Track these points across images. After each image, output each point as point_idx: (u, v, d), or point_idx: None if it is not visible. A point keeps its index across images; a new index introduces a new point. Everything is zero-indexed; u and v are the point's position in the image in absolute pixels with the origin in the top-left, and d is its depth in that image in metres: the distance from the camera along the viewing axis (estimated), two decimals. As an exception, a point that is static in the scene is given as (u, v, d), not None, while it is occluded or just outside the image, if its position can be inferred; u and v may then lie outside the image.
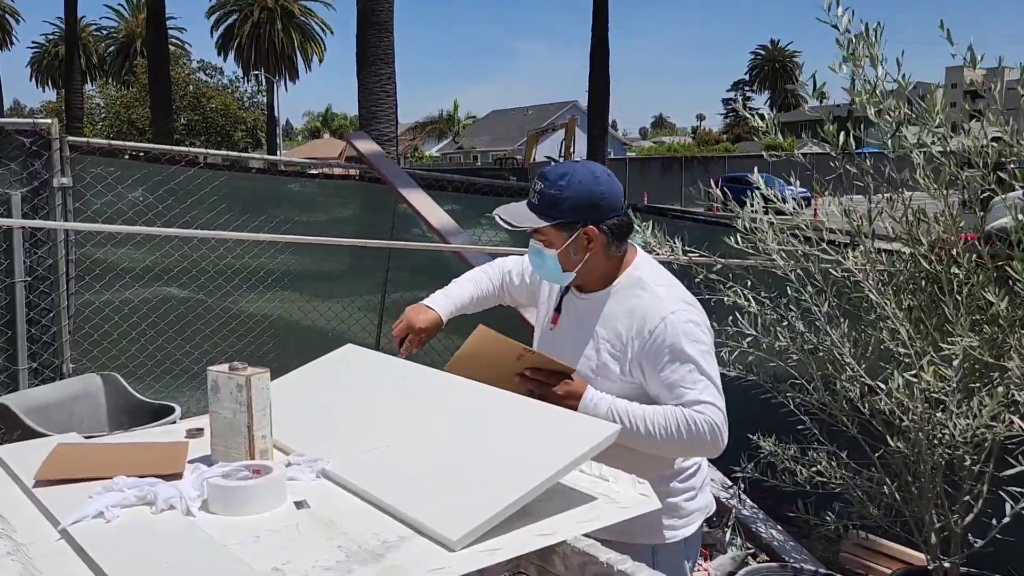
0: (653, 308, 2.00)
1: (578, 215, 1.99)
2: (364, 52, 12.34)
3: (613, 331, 2.04)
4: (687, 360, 1.95)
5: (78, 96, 33.51)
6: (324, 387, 2.03)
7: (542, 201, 2.00)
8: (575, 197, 1.98)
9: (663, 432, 1.92)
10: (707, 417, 1.93)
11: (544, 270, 2.11)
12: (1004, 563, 3.05)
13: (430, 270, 5.53)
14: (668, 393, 1.96)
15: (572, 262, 2.05)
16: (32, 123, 3.88)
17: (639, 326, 1.99)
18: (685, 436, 1.92)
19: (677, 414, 1.93)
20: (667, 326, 1.96)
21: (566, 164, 2.06)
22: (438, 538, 1.29)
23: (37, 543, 1.31)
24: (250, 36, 47.97)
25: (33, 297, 3.88)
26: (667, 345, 1.95)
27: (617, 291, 2.08)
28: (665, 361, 1.95)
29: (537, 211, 2.01)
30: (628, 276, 2.09)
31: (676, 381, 1.95)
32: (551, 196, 1.99)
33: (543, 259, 2.07)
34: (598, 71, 21.47)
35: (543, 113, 52.44)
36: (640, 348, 1.98)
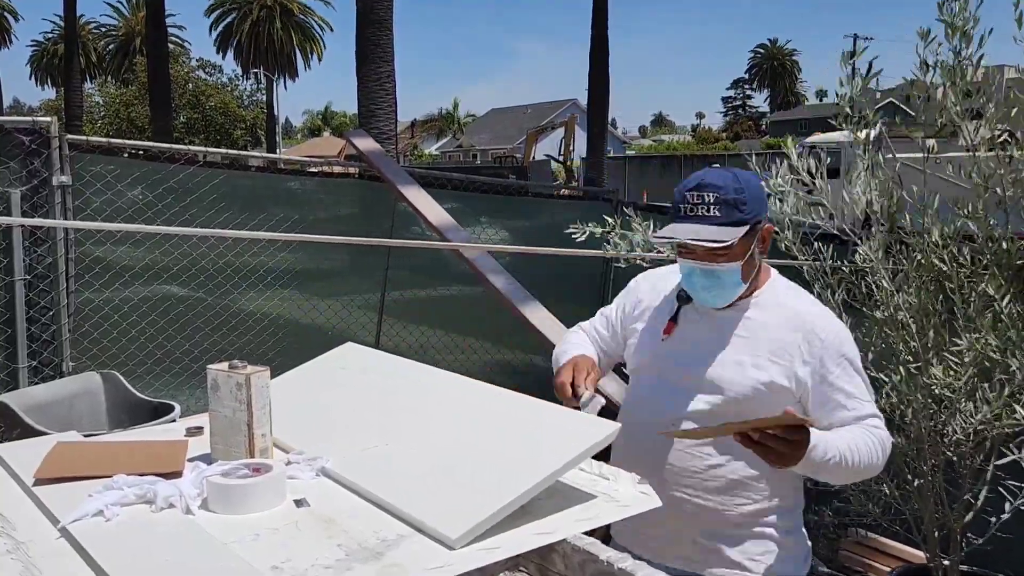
0: (821, 317, 1.91)
1: (759, 210, 1.86)
2: (363, 50, 12.33)
3: (776, 340, 1.88)
4: (859, 371, 1.89)
5: (77, 94, 33.49)
6: (324, 385, 2.03)
7: (725, 210, 1.81)
8: (753, 193, 1.85)
9: (867, 459, 1.81)
10: (886, 433, 1.87)
11: (716, 290, 1.89)
12: (1003, 561, 3.05)
13: (430, 269, 5.54)
14: (842, 404, 1.85)
15: (751, 268, 1.89)
16: (31, 121, 3.87)
17: (808, 334, 1.86)
18: (879, 458, 1.84)
19: (869, 437, 1.83)
20: (839, 335, 1.89)
21: (715, 169, 1.89)
22: (438, 536, 1.29)
23: (37, 542, 1.31)
24: (249, 34, 47.92)
25: (33, 295, 3.88)
26: (842, 354, 1.86)
27: (764, 300, 1.93)
28: (840, 371, 1.85)
29: (723, 222, 1.81)
30: (775, 284, 1.97)
31: (852, 392, 1.86)
32: (733, 200, 1.81)
33: (717, 279, 1.86)
34: (598, 69, 21.45)
35: (543, 111, 52.41)
36: (811, 355, 1.85)
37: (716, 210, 1.81)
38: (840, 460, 1.76)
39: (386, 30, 12.32)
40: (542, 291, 4.51)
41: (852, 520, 3.30)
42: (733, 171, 1.88)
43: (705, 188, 1.83)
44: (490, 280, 4.27)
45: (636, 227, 3.35)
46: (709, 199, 1.82)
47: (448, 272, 5.44)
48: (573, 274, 5.57)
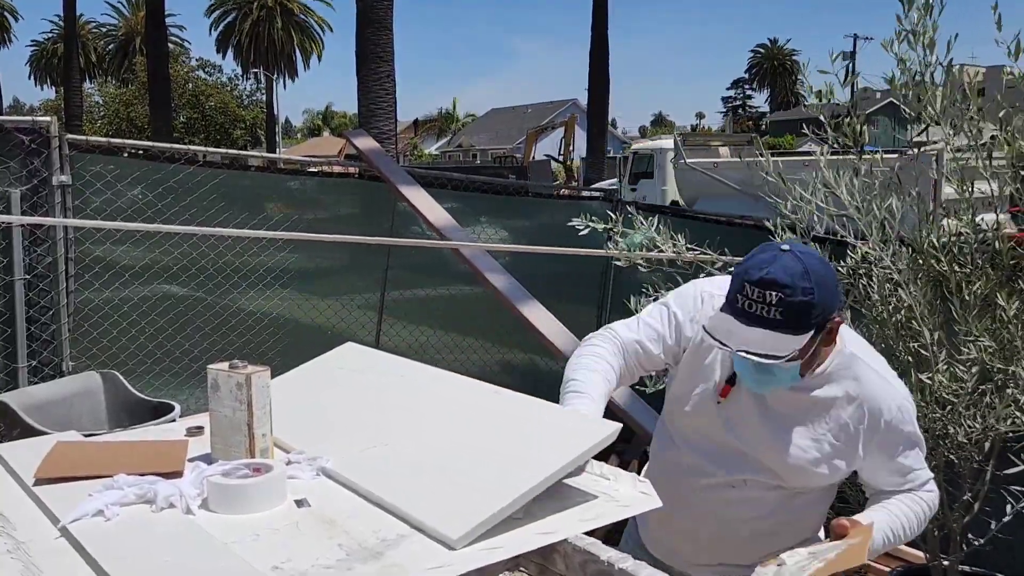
0: (885, 394, 1.81)
1: (829, 309, 1.68)
2: (363, 50, 12.33)
3: (836, 420, 1.80)
4: (917, 444, 1.88)
5: (77, 94, 33.51)
6: (324, 385, 2.03)
7: (789, 315, 1.62)
8: (824, 291, 1.66)
9: (915, 528, 1.89)
10: (936, 494, 1.91)
11: (770, 384, 1.76)
12: (1004, 562, 3.05)
13: (429, 268, 5.54)
14: (902, 477, 1.87)
15: (811, 363, 1.76)
16: (31, 121, 3.87)
17: (873, 415, 1.80)
18: (926, 522, 1.91)
19: (920, 505, 1.88)
20: (903, 413, 1.82)
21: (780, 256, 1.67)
22: (438, 536, 1.28)
23: (37, 541, 1.31)
24: (249, 34, 47.90)
25: (32, 295, 3.88)
26: (904, 433, 1.83)
27: (831, 374, 1.80)
28: (901, 449, 1.84)
29: (786, 329, 1.63)
30: (840, 355, 1.81)
31: (910, 466, 1.87)
32: (802, 304, 1.62)
33: (772, 375, 1.72)
34: (598, 69, 21.47)
35: (543, 111, 52.40)
36: (875, 437, 1.81)
37: (778, 313, 1.63)
38: (890, 540, 1.84)
39: (386, 30, 12.32)
40: (542, 291, 4.52)
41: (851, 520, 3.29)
42: (803, 260, 1.66)
43: (769, 286, 1.62)
44: (490, 280, 4.27)
45: (638, 225, 3.35)
46: (772, 299, 1.62)
47: (448, 272, 5.44)
48: (573, 273, 5.58)
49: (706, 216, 5.82)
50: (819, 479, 1.84)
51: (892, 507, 1.86)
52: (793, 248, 1.68)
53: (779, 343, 1.62)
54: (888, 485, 1.88)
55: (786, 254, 1.66)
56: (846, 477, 1.92)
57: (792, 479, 1.84)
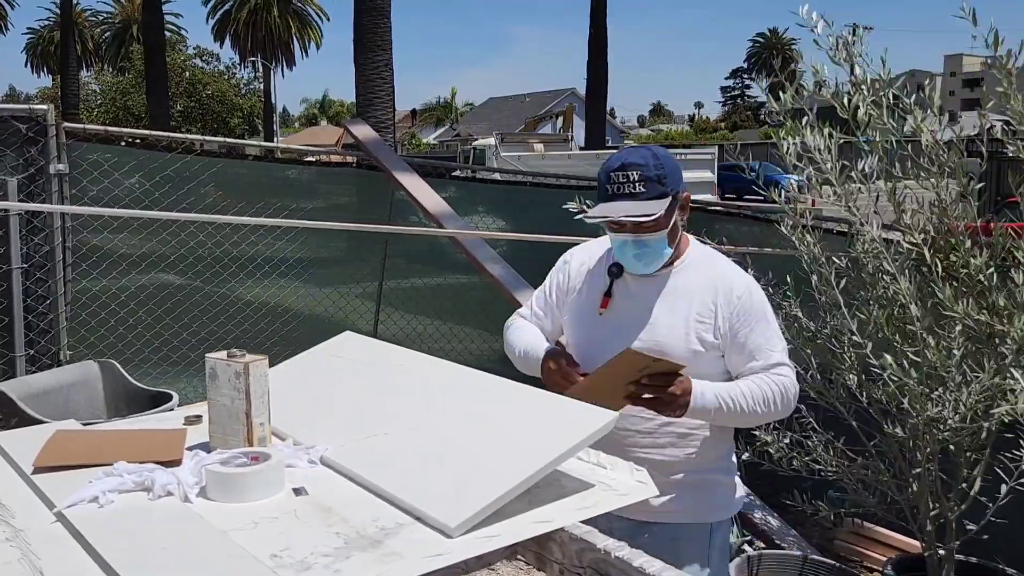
0: (737, 276, 2.12)
1: (678, 182, 2.06)
2: (361, 38, 12.30)
3: (700, 301, 2.08)
4: (770, 323, 2.10)
5: (74, 82, 33.37)
6: (322, 374, 2.03)
7: (649, 185, 2.00)
8: (671, 167, 2.05)
9: (763, 405, 2.03)
10: (790, 379, 2.08)
11: (647, 258, 2.08)
12: (999, 550, 3.06)
13: (427, 257, 5.53)
14: (752, 355, 2.06)
15: (675, 234, 2.10)
16: (28, 109, 3.85)
17: (726, 293, 2.07)
18: (779, 406, 2.06)
19: (770, 384, 2.04)
20: (751, 291, 2.10)
21: (631, 149, 2.08)
22: (436, 525, 1.29)
23: (35, 529, 1.31)
24: (247, 22, 47.68)
25: (30, 284, 3.87)
26: (754, 308, 2.07)
27: (687, 265, 2.14)
28: (752, 323, 2.06)
29: (649, 197, 2.00)
30: (695, 250, 2.18)
31: (762, 344, 2.07)
32: (655, 175, 2.01)
33: (646, 247, 2.06)
34: (596, 59, 21.42)
35: (541, 100, 52.24)
36: (729, 312, 2.06)
37: (641, 187, 2.01)
38: (730, 405, 2.01)
39: (384, 18, 12.28)
40: (538, 279, 4.50)
41: (847, 510, 3.32)
42: (650, 148, 2.10)
43: (629, 168, 2.01)
44: (487, 268, 4.27)
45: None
46: (634, 177, 2.00)
47: (446, 260, 5.43)
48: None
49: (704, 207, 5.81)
50: (696, 358, 2.05)
51: (738, 381, 2.07)
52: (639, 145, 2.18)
53: (647, 208, 1.98)
54: (742, 365, 2.08)
55: (632, 148, 2.10)
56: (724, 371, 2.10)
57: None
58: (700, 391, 1.99)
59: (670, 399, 1.96)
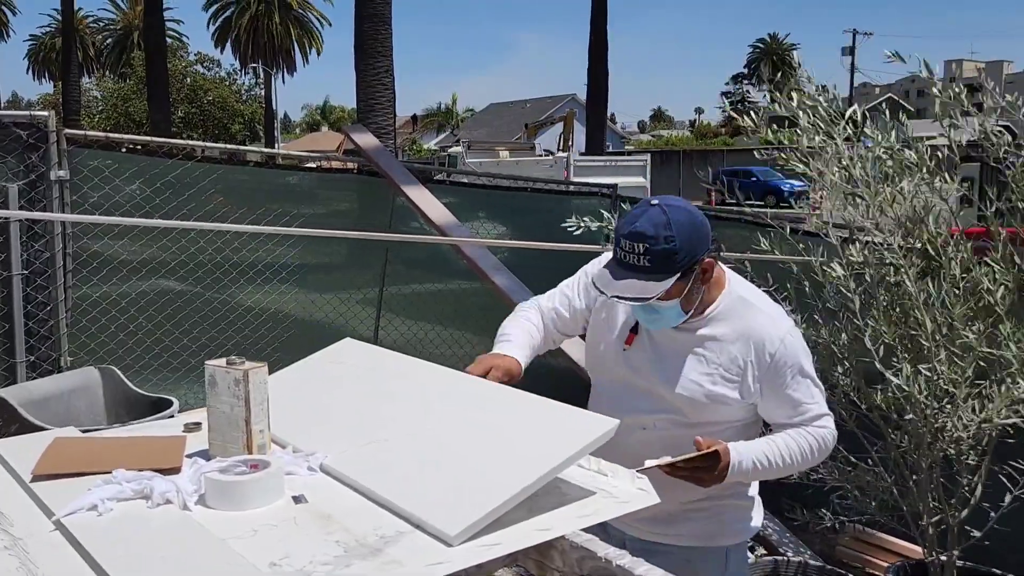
0: (769, 329, 1.99)
1: (694, 258, 1.89)
2: (362, 44, 12.32)
3: (726, 355, 1.98)
4: (807, 376, 2.01)
5: (75, 89, 33.42)
6: (322, 381, 2.03)
7: (656, 260, 1.85)
8: (687, 243, 1.87)
9: (800, 461, 1.99)
10: (829, 430, 2.03)
11: (659, 322, 1.99)
12: (1001, 557, 3.05)
13: (428, 264, 5.53)
14: (792, 410, 2.00)
15: (692, 300, 1.96)
16: (29, 115, 3.85)
17: (758, 349, 1.97)
18: (817, 456, 2.02)
19: (807, 439, 1.99)
20: (787, 347, 1.98)
21: (648, 209, 1.90)
22: (436, 533, 1.28)
23: (34, 537, 1.31)
24: (248, 29, 47.75)
25: (30, 290, 3.87)
26: (789, 365, 1.97)
27: (719, 314, 2.01)
28: (788, 380, 1.98)
29: (654, 272, 1.86)
30: (729, 296, 2.03)
31: (800, 399, 1.99)
32: (665, 251, 1.85)
33: (657, 313, 1.96)
34: (596, 64, 21.44)
35: (541, 106, 52.26)
36: (762, 371, 1.97)
37: (646, 260, 1.85)
38: (768, 466, 1.96)
39: (384, 24, 12.31)
40: (540, 286, 4.50)
41: (850, 516, 3.30)
42: (667, 212, 1.88)
43: (637, 238, 1.86)
44: (489, 275, 4.27)
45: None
46: (639, 249, 1.85)
47: (447, 267, 5.43)
48: (571, 269, 5.54)
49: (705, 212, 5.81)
50: (717, 411, 2.00)
51: (775, 438, 2.00)
52: (661, 202, 1.91)
53: (647, 287, 1.85)
54: (781, 418, 2.02)
55: (654, 208, 1.90)
56: (751, 414, 2.05)
57: (692, 412, 2.00)
58: (738, 461, 1.91)
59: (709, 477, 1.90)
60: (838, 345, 2.92)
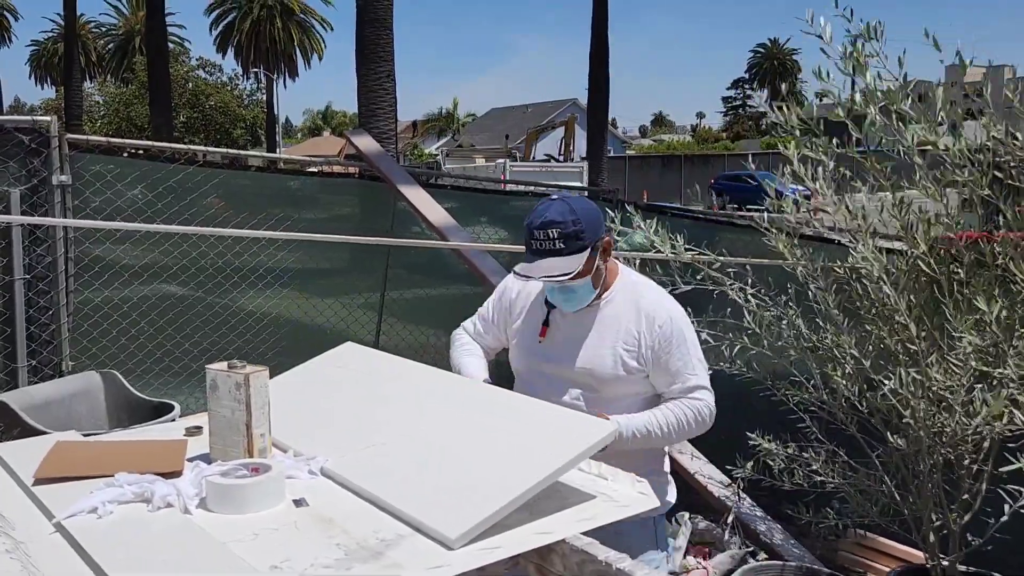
0: (660, 305, 2.30)
1: (596, 233, 2.22)
2: (363, 49, 12.31)
3: (625, 330, 2.27)
4: (689, 348, 2.28)
5: (77, 94, 33.44)
6: (323, 385, 2.03)
7: (568, 242, 2.16)
8: (591, 223, 2.21)
9: (676, 430, 2.25)
10: (706, 403, 2.28)
11: (575, 301, 2.27)
12: (1003, 562, 3.05)
13: (429, 268, 5.53)
14: (673, 378, 2.26)
15: (598, 276, 2.27)
16: (31, 120, 3.87)
17: (649, 322, 2.26)
18: (694, 426, 2.27)
19: (684, 410, 2.25)
20: (672, 320, 2.27)
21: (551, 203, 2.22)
22: (437, 536, 1.29)
23: (36, 541, 1.31)
24: (249, 33, 47.83)
25: (32, 295, 3.88)
26: (675, 335, 2.26)
27: (616, 296, 2.32)
28: (673, 349, 2.25)
29: (569, 252, 2.17)
30: (623, 281, 2.35)
31: (680, 368, 2.26)
32: (573, 232, 2.16)
33: (573, 292, 2.25)
34: (598, 70, 21.42)
35: (543, 111, 52.31)
36: (652, 338, 2.25)
37: (560, 243, 2.17)
38: (647, 434, 2.22)
39: (386, 29, 12.30)
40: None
41: (851, 520, 3.30)
42: (568, 202, 2.23)
43: (549, 226, 2.17)
44: (491, 281, 4.27)
45: (637, 226, 3.34)
46: (553, 235, 2.17)
47: (448, 272, 5.43)
48: (572, 273, 5.55)
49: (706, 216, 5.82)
50: (621, 383, 2.27)
51: (655, 410, 2.27)
52: (560, 196, 2.27)
53: (567, 264, 2.16)
54: (664, 386, 2.28)
55: (556, 201, 2.23)
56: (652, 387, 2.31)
57: (600, 386, 2.27)
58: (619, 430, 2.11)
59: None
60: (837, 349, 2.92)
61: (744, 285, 3.14)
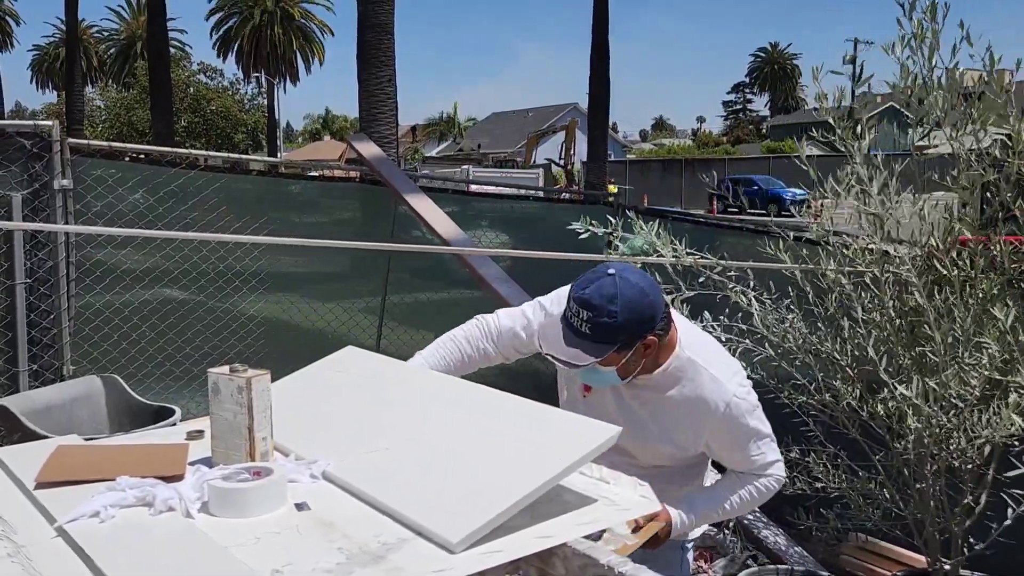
0: (715, 394, 2.01)
1: (636, 335, 1.91)
2: (364, 54, 12.35)
3: (673, 417, 2.05)
4: (753, 432, 2.05)
5: (79, 98, 33.48)
6: (325, 389, 2.03)
7: (596, 331, 1.88)
8: (631, 320, 1.89)
9: (739, 506, 2.12)
10: (777, 476, 2.12)
11: (597, 380, 2.05)
12: (1005, 566, 3.04)
13: (431, 272, 5.54)
14: (741, 462, 2.09)
15: (629, 371, 2.00)
16: (33, 125, 3.88)
17: (704, 414, 2.01)
18: (759, 500, 2.13)
19: (751, 487, 2.10)
20: (732, 409, 2.00)
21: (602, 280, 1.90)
22: (439, 540, 1.28)
23: (37, 545, 1.31)
24: (250, 38, 47.94)
25: (33, 299, 3.88)
26: (734, 427, 2.02)
27: (668, 376, 2.04)
28: (735, 438, 2.05)
29: (593, 341, 1.89)
30: (678, 359, 2.04)
31: (748, 454, 2.07)
32: (606, 325, 1.87)
33: (597, 372, 1.98)
34: (598, 74, 21.45)
35: (543, 115, 52.42)
36: (708, 432, 2.04)
37: (587, 328, 1.88)
38: (711, 514, 2.13)
39: (387, 34, 12.33)
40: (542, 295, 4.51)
41: (853, 524, 3.30)
42: (619, 286, 1.88)
43: (583, 305, 1.89)
44: (492, 285, 4.27)
45: (638, 230, 3.35)
46: (583, 316, 1.88)
47: (449, 275, 5.44)
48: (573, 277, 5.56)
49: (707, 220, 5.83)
50: (668, 457, 2.11)
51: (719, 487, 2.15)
52: (618, 273, 1.91)
53: (579, 355, 1.90)
54: (732, 466, 2.13)
55: (608, 278, 1.90)
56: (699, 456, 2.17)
57: (643, 457, 2.10)
58: (680, 522, 2.03)
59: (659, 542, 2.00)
60: (841, 353, 2.92)
61: (746, 289, 3.14)
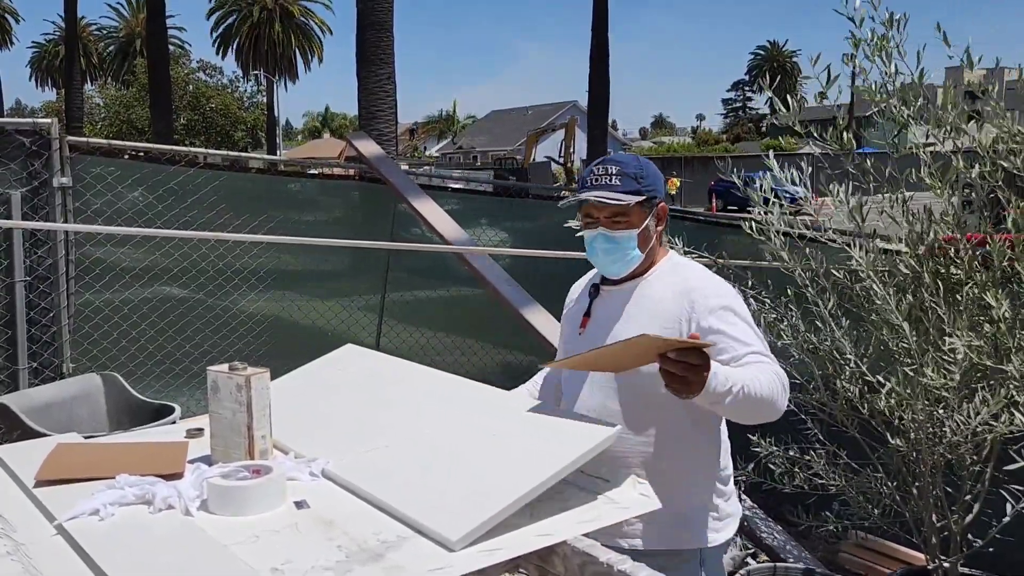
0: (703, 279, 2.06)
1: (657, 190, 2.07)
2: (364, 52, 12.33)
3: (665, 311, 2.01)
4: (745, 320, 1.99)
5: (78, 96, 33.47)
6: (324, 387, 2.03)
7: (625, 180, 2.02)
8: (651, 173, 2.07)
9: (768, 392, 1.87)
10: (779, 368, 1.96)
11: (613, 254, 2.06)
12: (1004, 563, 3.05)
13: (430, 270, 5.54)
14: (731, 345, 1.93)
15: (647, 240, 2.07)
16: (32, 123, 3.88)
17: (691, 297, 2.00)
18: (780, 393, 1.91)
19: (767, 371, 1.90)
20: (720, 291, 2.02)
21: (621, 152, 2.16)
22: (438, 538, 1.29)
23: (37, 543, 1.31)
24: (249, 36, 47.90)
25: (33, 297, 3.88)
26: (723, 306, 1.98)
27: (659, 275, 2.09)
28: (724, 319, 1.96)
29: (623, 189, 2.01)
30: (670, 261, 2.14)
31: (738, 336, 1.95)
32: (634, 172, 2.03)
33: (616, 244, 2.04)
34: (598, 72, 21.45)
35: (543, 113, 52.41)
36: (695, 312, 1.98)
37: (617, 180, 2.03)
38: (741, 389, 1.81)
39: (386, 32, 12.32)
40: (542, 293, 4.52)
41: (852, 522, 3.30)
42: (637, 157, 2.14)
43: (609, 163, 2.06)
44: (491, 283, 4.27)
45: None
46: (612, 171, 2.04)
47: (449, 273, 5.44)
48: (573, 276, 5.56)
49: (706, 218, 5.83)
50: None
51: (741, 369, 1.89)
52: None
53: (618, 197, 2.00)
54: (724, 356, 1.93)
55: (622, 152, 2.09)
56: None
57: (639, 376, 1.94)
58: (715, 370, 1.76)
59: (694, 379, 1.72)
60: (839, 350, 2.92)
61: (744, 287, 3.14)
